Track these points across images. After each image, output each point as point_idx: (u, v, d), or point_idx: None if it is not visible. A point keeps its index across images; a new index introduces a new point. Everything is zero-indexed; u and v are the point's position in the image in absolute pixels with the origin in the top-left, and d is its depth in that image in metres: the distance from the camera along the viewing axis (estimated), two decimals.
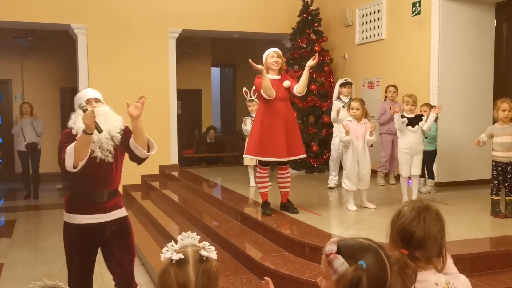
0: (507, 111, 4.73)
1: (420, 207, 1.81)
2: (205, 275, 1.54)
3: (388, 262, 1.40)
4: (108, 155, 3.11)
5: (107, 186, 3.19)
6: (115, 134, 3.15)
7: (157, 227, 6.07)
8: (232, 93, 14.25)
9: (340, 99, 6.51)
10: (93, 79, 8.18)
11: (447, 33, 6.44)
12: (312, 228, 4.45)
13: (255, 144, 4.90)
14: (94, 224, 3.17)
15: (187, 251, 1.58)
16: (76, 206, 3.17)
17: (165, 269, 1.54)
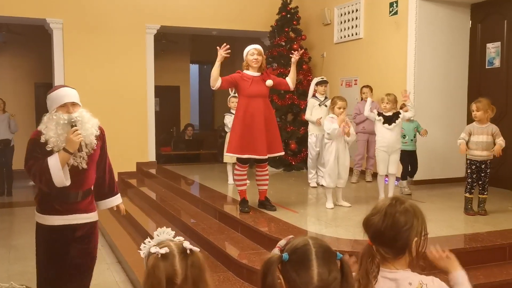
0: (475, 111, 4.84)
1: (388, 204, 1.83)
2: (194, 267, 1.57)
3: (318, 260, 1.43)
4: (81, 162, 3.01)
5: (81, 186, 3.12)
6: (91, 141, 3.03)
7: (134, 224, 6.02)
8: (210, 91, 14.17)
9: (316, 97, 6.59)
10: (69, 75, 8.05)
11: (424, 33, 6.54)
12: (289, 226, 4.47)
13: (236, 142, 4.90)
14: (67, 225, 3.08)
15: (170, 245, 1.60)
16: (50, 207, 3.06)
17: (153, 264, 1.56)
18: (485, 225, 4.43)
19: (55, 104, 2.97)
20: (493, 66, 6.39)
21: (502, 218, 4.75)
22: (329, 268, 1.43)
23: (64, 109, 2.94)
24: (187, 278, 1.55)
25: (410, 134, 5.91)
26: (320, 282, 1.41)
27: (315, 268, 1.42)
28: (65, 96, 2.99)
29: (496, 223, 4.53)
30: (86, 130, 2.98)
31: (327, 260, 1.44)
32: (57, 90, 3.04)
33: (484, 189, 4.88)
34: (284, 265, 1.46)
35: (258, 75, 4.96)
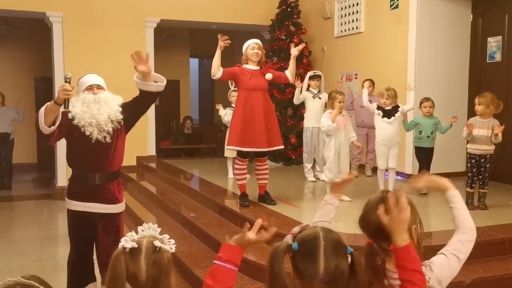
0: (477, 105, 4.86)
1: (380, 197, 1.83)
2: (155, 266, 1.55)
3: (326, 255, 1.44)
4: (106, 136, 3.19)
5: (100, 168, 3.20)
6: (115, 117, 3.25)
7: (134, 218, 6.02)
8: (210, 85, 14.17)
9: (310, 90, 6.68)
10: (69, 69, 8.00)
11: (424, 27, 6.52)
12: (289, 220, 4.47)
13: (236, 136, 4.90)
14: (84, 212, 3.25)
15: (141, 241, 1.59)
16: (73, 192, 3.28)
17: (116, 257, 1.55)
18: (485, 220, 4.43)
19: (83, 87, 3.28)
20: (494, 60, 6.38)
21: (502, 212, 4.75)
22: (337, 262, 1.43)
23: (90, 91, 3.26)
24: (149, 276, 1.53)
25: (427, 130, 5.57)
26: (326, 275, 1.42)
27: (321, 261, 1.43)
28: (90, 79, 3.34)
29: (496, 217, 4.53)
30: (110, 108, 3.24)
31: (336, 254, 1.45)
32: (85, 76, 3.40)
33: (484, 183, 4.88)
34: (293, 254, 1.48)
35: (257, 69, 4.96)
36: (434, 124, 5.58)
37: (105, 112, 3.19)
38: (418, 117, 5.63)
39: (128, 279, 1.53)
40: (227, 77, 5.03)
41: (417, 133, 5.55)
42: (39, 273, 3.18)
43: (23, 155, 9.92)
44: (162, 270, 1.56)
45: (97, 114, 3.16)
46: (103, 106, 3.20)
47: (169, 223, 5.56)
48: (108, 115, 3.21)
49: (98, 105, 3.19)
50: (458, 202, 1.98)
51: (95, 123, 3.15)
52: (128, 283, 1.53)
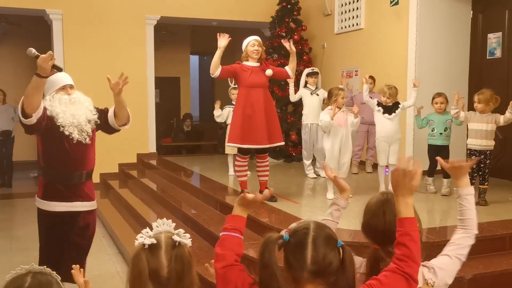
0: (476, 102, 4.87)
1: (381, 200, 1.83)
2: (178, 260, 1.54)
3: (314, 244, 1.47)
4: (86, 137, 3.18)
5: (85, 166, 3.22)
6: (92, 117, 3.25)
7: (135, 215, 6.03)
8: (211, 82, 14.17)
9: (308, 87, 6.70)
10: (69, 66, 8.00)
11: (425, 23, 6.51)
12: (290, 216, 4.48)
13: (237, 133, 4.91)
14: (68, 212, 3.19)
15: (160, 236, 1.58)
16: (53, 192, 3.17)
17: (136, 254, 1.54)
18: (485, 215, 4.44)
19: (55, 87, 3.19)
20: (494, 57, 6.37)
21: (503, 208, 4.76)
22: (325, 252, 1.45)
23: (64, 91, 3.19)
24: (171, 271, 1.53)
25: (439, 127, 5.38)
26: (313, 264, 1.43)
27: (309, 250, 1.45)
28: (64, 79, 3.24)
29: (497, 213, 4.54)
30: (85, 108, 3.23)
31: (324, 244, 1.46)
32: (55, 75, 3.24)
33: (485, 179, 4.88)
34: (285, 246, 1.51)
35: (258, 65, 4.96)
36: (449, 121, 5.35)
37: (83, 113, 3.19)
38: (430, 114, 5.48)
39: (150, 276, 1.51)
40: (226, 75, 5.03)
41: (430, 130, 5.42)
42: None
43: (23, 152, 9.91)
44: (185, 264, 1.56)
45: (76, 115, 3.16)
46: (79, 107, 3.19)
47: (170, 220, 5.55)
48: (86, 115, 3.21)
49: (74, 105, 3.17)
50: (471, 202, 1.96)
51: (76, 123, 3.14)
52: (150, 280, 1.51)
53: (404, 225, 1.58)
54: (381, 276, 1.55)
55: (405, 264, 1.53)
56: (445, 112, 5.41)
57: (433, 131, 5.41)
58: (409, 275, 1.53)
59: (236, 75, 4.98)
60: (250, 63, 4.96)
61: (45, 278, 1.64)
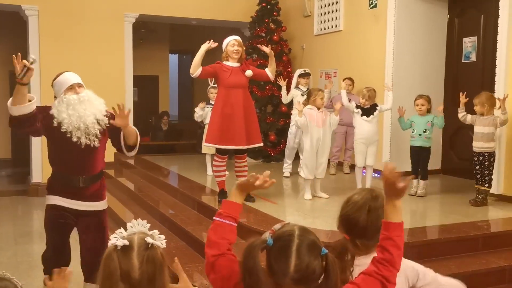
0: (475, 106, 5.01)
1: (368, 198, 1.85)
2: (150, 262, 1.53)
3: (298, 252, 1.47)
4: (94, 140, 3.09)
5: (84, 171, 3.15)
6: (101, 117, 3.15)
7: (112, 215, 5.96)
8: (190, 81, 14.09)
9: (299, 88, 6.75)
10: (45, 63, 7.88)
11: (402, 26, 6.60)
12: (268, 217, 4.49)
13: (214, 133, 4.89)
14: (69, 208, 3.18)
15: (133, 237, 1.57)
16: (55, 189, 3.19)
17: (108, 255, 1.53)
18: (458, 217, 4.53)
19: (63, 87, 3.11)
20: (469, 60, 6.50)
21: (476, 209, 4.86)
22: (309, 260, 1.44)
23: (72, 91, 3.10)
24: (143, 273, 1.52)
25: (419, 128, 5.39)
26: (296, 273, 1.43)
27: (293, 259, 1.44)
28: (71, 79, 3.16)
29: (470, 214, 4.63)
30: (95, 108, 3.12)
31: (308, 253, 1.45)
32: (61, 75, 3.20)
33: (485, 181, 4.99)
34: (268, 251, 1.50)
35: (238, 65, 4.96)
36: (429, 122, 5.38)
37: (91, 113, 3.07)
38: (413, 116, 5.50)
39: (121, 277, 1.50)
40: (206, 76, 5.02)
41: (411, 131, 5.47)
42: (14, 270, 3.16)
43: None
44: (157, 266, 1.55)
45: (84, 116, 3.04)
46: (88, 106, 3.07)
47: (147, 220, 5.46)
48: (94, 115, 3.09)
49: (84, 105, 3.06)
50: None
51: (84, 127, 3.03)
52: (121, 281, 1.50)
53: (389, 229, 1.59)
54: (358, 280, 1.57)
55: (384, 268, 1.55)
56: (427, 114, 5.45)
57: (413, 132, 5.47)
58: (386, 278, 1.55)
59: (216, 75, 4.96)
60: (230, 63, 4.95)
61: (4, 284, 1.60)
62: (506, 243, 4.11)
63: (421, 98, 5.45)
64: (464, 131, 6.43)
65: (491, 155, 4.98)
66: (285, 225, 1.57)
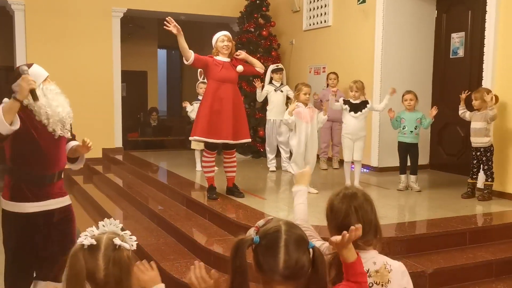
0: (474, 100, 5.03)
1: (347, 197, 1.86)
2: (116, 264, 1.51)
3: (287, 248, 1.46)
4: (67, 131, 3.08)
5: (57, 166, 3.09)
6: (68, 118, 3.09)
7: (100, 212, 5.93)
8: (179, 76, 14.04)
9: (272, 83, 6.83)
10: (32, 58, 7.76)
11: (391, 22, 6.62)
12: (257, 212, 4.49)
13: (202, 126, 4.85)
14: (42, 212, 3.02)
15: (101, 237, 1.55)
16: (23, 194, 2.97)
17: (74, 254, 1.51)
18: (446, 211, 4.56)
19: (41, 78, 3.03)
20: (457, 56, 6.53)
21: (463, 204, 4.90)
22: (297, 256, 1.44)
23: (46, 83, 3.06)
24: (109, 275, 1.50)
25: (410, 125, 5.41)
26: (285, 269, 1.43)
27: (282, 255, 1.44)
28: (44, 71, 3.11)
29: (457, 209, 4.66)
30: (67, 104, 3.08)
31: (297, 248, 1.45)
32: (34, 66, 3.09)
33: (487, 175, 5.05)
34: (255, 247, 1.49)
35: (228, 60, 4.95)
36: (418, 119, 5.43)
37: (67, 106, 3.06)
38: (401, 112, 5.53)
39: (87, 277, 1.49)
40: (199, 64, 4.98)
41: (401, 128, 5.48)
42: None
43: None
44: (123, 269, 1.52)
45: (61, 106, 3.01)
46: (61, 100, 3.05)
47: (136, 216, 5.50)
48: (68, 109, 3.06)
49: (61, 97, 3.05)
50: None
51: (60, 117, 2.99)
52: (87, 281, 1.49)
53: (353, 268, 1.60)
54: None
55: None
56: (416, 111, 5.49)
57: (404, 129, 5.47)
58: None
59: (207, 68, 4.93)
60: (221, 58, 4.93)
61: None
62: (493, 237, 4.16)
63: (409, 93, 5.48)
64: (452, 127, 6.49)
65: (487, 150, 5.02)
66: (269, 221, 1.56)
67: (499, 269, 3.78)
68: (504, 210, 4.74)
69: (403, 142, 5.52)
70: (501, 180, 5.18)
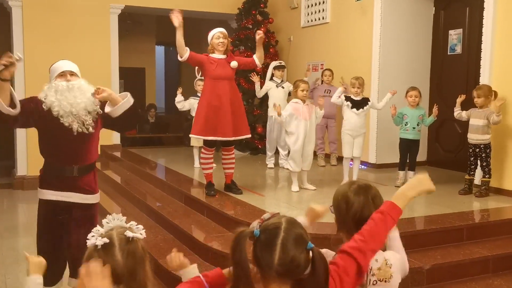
0: (476, 98, 5.04)
1: (363, 189, 1.87)
2: (130, 256, 1.52)
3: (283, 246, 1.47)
4: (88, 127, 3.04)
5: (78, 160, 3.10)
6: (92, 108, 3.06)
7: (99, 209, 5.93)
8: (177, 73, 14.01)
9: (274, 80, 6.81)
10: (29, 55, 7.77)
11: (389, 19, 6.63)
12: (255, 209, 4.51)
13: (201, 124, 4.87)
14: (60, 201, 3.12)
15: (112, 234, 1.55)
16: (48, 182, 3.12)
17: (89, 256, 1.51)
18: (443, 208, 4.58)
19: (55, 73, 3.09)
20: (455, 53, 6.54)
21: (460, 200, 4.92)
22: (294, 254, 1.44)
23: (62, 78, 3.07)
24: (127, 268, 1.51)
25: (413, 121, 5.42)
26: (280, 266, 1.44)
27: (278, 252, 1.44)
28: (63, 66, 3.14)
29: (454, 206, 4.69)
30: (87, 98, 3.04)
31: (294, 246, 1.45)
32: (57, 62, 3.19)
33: (485, 172, 5.06)
34: (255, 241, 1.50)
35: (224, 57, 4.95)
36: (421, 116, 5.45)
37: (82, 101, 2.99)
38: (404, 108, 5.52)
39: None
40: (194, 61, 4.98)
41: (403, 124, 5.46)
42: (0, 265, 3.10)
43: None
44: (137, 259, 1.54)
45: (74, 103, 2.97)
46: (78, 94, 2.99)
47: (134, 212, 5.51)
48: (85, 104, 3.00)
49: (73, 92, 2.98)
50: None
51: (75, 113, 2.96)
52: None
53: (387, 205, 1.68)
54: (337, 259, 1.60)
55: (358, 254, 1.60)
56: (418, 107, 5.50)
57: (406, 125, 5.46)
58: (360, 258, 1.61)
59: (202, 66, 4.95)
60: (216, 55, 4.94)
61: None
62: (490, 234, 4.18)
63: (414, 90, 5.48)
64: (449, 124, 6.50)
65: (487, 147, 5.04)
66: (275, 215, 1.57)
67: (495, 265, 3.80)
68: (501, 207, 4.76)
69: (405, 138, 5.51)
70: (498, 177, 5.21)
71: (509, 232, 4.25)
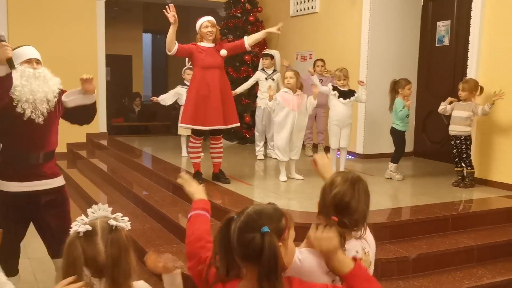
0: (460, 90, 5.06)
1: (353, 178, 1.87)
2: (114, 245, 1.53)
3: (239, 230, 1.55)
4: (39, 116, 2.97)
5: (42, 146, 3.05)
6: (51, 98, 3.03)
7: (85, 197, 5.89)
8: (164, 61, 13.90)
9: (264, 70, 6.74)
10: (14, 42, 7.55)
11: (378, 9, 6.63)
12: (243, 198, 4.51)
13: (190, 113, 4.84)
14: (28, 192, 3.02)
15: (95, 222, 1.56)
16: (11, 173, 2.99)
17: (70, 243, 1.51)
18: (429, 198, 4.63)
19: (20, 59, 3.02)
20: (443, 44, 6.58)
21: (446, 191, 4.97)
22: (250, 238, 1.50)
23: (29, 65, 3.02)
24: (108, 257, 1.51)
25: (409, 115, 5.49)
26: (239, 247, 1.53)
27: (235, 235, 1.54)
28: (29, 53, 3.09)
29: (439, 196, 4.73)
30: (48, 87, 3.02)
31: (249, 230, 1.52)
32: (22, 47, 3.13)
33: (466, 164, 5.09)
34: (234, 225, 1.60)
35: (213, 46, 4.91)
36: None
37: (43, 91, 2.98)
38: (402, 102, 5.37)
39: (86, 263, 1.50)
40: (183, 54, 4.94)
41: (405, 116, 5.35)
42: None
43: None
44: (121, 248, 1.54)
45: (35, 91, 2.95)
46: (41, 84, 2.99)
47: (121, 201, 5.48)
48: (45, 94, 2.99)
49: (38, 81, 2.97)
50: None
51: (32, 100, 2.93)
52: (86, 267, 1.50)
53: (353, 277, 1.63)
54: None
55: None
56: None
57: (407, 117, 5.41)
58: None
59: (191, 56, 4.91)
60: (205, 44, 4.89)
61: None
62: (475, 224, 4.24)
63: (410, 83, 5.43)
64: (436, 115, 6.52)
65: (467, 139, 5.08)
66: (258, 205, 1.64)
67: (480, 255, 3.86)
68: (486, 197, 4.82)
69: (404, 131, 5.46)
70: (484, 168, 5.26)
71: (493, 222, 4.31)
